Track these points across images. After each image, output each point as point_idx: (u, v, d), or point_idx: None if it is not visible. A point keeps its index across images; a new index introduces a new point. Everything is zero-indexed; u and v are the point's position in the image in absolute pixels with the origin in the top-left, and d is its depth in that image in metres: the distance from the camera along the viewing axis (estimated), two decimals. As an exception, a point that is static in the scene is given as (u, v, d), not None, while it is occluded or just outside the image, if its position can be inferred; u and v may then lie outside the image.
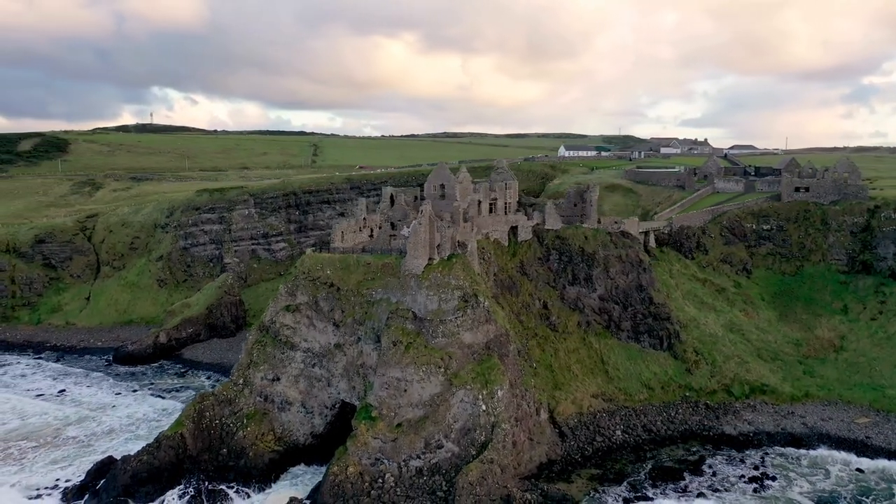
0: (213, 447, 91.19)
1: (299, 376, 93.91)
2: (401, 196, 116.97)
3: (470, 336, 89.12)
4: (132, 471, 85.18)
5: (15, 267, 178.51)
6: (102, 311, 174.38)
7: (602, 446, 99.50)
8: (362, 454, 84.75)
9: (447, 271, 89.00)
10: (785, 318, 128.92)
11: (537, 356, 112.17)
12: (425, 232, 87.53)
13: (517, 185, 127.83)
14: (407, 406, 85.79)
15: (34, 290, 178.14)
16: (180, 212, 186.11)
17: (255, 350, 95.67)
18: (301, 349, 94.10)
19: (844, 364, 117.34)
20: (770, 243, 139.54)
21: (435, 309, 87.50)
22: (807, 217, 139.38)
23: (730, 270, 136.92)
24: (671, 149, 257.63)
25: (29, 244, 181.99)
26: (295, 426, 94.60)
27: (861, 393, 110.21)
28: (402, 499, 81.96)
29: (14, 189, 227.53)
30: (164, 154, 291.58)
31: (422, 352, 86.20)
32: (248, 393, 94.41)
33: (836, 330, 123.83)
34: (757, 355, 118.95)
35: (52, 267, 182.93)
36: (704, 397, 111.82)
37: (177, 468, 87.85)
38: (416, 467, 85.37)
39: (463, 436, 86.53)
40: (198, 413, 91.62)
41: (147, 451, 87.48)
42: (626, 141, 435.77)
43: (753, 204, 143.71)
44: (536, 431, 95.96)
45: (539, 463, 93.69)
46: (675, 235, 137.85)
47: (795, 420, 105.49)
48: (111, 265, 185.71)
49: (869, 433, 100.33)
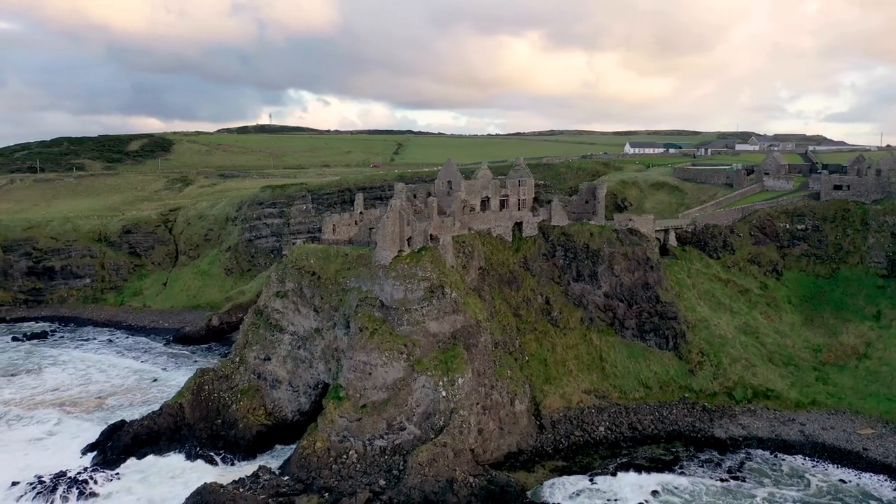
0: (209, 417, 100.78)
1: (287, 357, 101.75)
2: (421, 192, 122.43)
3: (436, 325, 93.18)
4: (134, 433, 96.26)
5: (105, 254, 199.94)
6: (175, 295, 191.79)
7: (579, 441, 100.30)
8: (330, 431, 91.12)
9: (414, 263, 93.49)
10: (810, 322, 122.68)
11: (533, 350, 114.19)
12: (393, 225, 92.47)
13: (532, 183, 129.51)
14: (372, 388, 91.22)
15: (120, 276, 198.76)
16: (247, 206, 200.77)
17: (250, 331, 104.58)
18: (288, 332, 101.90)
19: (864, 372, 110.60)
20: (805, 244, 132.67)
21: (401, 298, 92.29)
22: (845, 216, 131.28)
23: (757, 271, 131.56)
24: (748, 146, 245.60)
25: (117, 234, 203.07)
26: (284, 403, 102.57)
27: (874, 403, 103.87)
28: (361, 474, 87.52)
29: (117, 185, 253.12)
30: (255, 153, 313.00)
31: (386, 338, 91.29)
32: (243, 370, 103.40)
33: (863, 336, 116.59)
34: (768, 359, 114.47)
35: (137, 255, 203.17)
36: (704, 399, 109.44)
37: (175, 433, 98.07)
38: (380, 447, 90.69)
39: (424, 420, 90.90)
40: (198, 386, 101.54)
41: (149, 417, 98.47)
42: (743, 136, 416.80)
43: (788, 202, 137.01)
44: (508, 421, 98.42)
45: (507, 452, 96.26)
46: (699, 234, 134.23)
47: (793, 427, 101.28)
48: (187, 254, 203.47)
49: (868, 445, 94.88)
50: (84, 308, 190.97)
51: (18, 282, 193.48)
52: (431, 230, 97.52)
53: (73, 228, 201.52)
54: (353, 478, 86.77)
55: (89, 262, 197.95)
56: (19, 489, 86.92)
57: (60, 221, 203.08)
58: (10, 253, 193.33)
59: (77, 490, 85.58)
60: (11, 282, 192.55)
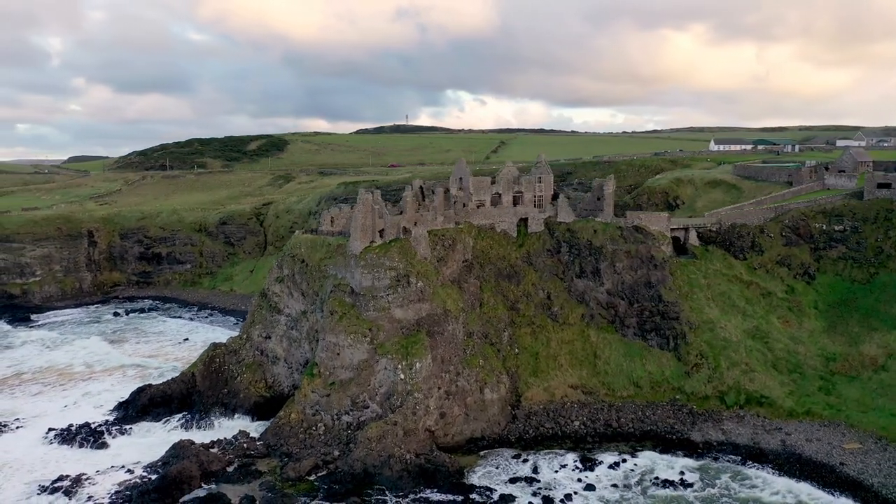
0: (216, 386, 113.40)
1: (283, 336, 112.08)
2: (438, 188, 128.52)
3: (401, 312, 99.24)
4: (150, 395, 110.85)
5: (203, 243, 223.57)
6: (258, 281, 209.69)
7: (546, 433, 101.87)
8: (305, 404, 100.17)
9: (383, 253, 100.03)
10: (832, 329, 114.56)
11: (527, 343, 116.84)
12: (363, 218, 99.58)
13: (551, 180, 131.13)
14: (340, 368, 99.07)
15: (215, 263, 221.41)
16: (324, 201, 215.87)
17: (255, 312, 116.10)
18: (284, 314, 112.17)
19: (876, 385, 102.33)
20: (842, 246, 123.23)
21: (369, 286, 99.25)
22: (888, 217, 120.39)
23: (786, 274, 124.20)
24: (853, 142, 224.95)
25: (215, 225, 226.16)
26: (282, 378, 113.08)
27: (875, 417, 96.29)
28: (322, 444, 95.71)
29: (229, 181, 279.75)
30: (359, 152, 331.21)
31: (353, 322, 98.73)
32: (248, 347, 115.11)
33: (886, 347, 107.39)
34: (772, 366, 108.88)
35: (231, 244, 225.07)
36: (694, 402, 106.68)
37: (185, 398, 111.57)
38: (346, 422, 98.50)
39: (385, 399, 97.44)
40: (209, 358, 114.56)
41: (165, 383, 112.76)
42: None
43: (826, 201, 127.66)
44: (476, 408, 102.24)
45: (470, 437, 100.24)
46: (724, 233, 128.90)
47: (776, 436, 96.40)
48: (274, 245, 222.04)
49: (848, 460, 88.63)
50: (183, 290, 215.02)
51: (132, 265, 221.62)
52: (405, 223, 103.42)
53: (179, 220, 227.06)
54: (314, 447, 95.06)
55: (190, 250, 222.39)
56: (53, 435, 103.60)
57: (168, 213, 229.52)
58: (125, 240, 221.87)
59: (92, 439, 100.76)
60: (126, 265, 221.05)
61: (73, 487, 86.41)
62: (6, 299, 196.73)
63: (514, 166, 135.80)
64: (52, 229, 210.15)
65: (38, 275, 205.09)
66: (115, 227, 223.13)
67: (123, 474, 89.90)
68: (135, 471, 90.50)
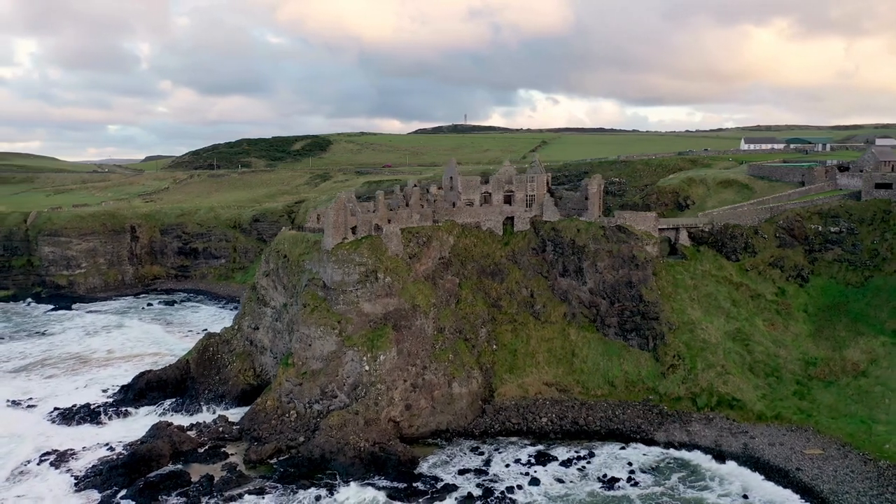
0: (209, 373, 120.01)
1: (269, 328, 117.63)
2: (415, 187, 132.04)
3: (369, 306, 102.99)
4: (147, 380, 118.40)
5: (237, 239, 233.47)
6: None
7: (510, 428, 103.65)
8: (280, 392, 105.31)
9: (353, 249, 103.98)
10: (819, 333, 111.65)
11: (506, 340, 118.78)
12: (336, 215, 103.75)
13: (544, 179, 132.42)
14: (311, 358, 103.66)
15: (248, 258, 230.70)
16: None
17: (246, 304, 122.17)
18: (270, 306, 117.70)
19: (853, 391, 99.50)
20: (838, 248, 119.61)
21: (339, 280, 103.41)
22: (886, 219, 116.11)
23: (779, 276, 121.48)
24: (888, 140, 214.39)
25: (248, 222, 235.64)
26: (268, 367, 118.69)
27: (844, 424, 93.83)
28: (290, 430, 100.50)
29: (269, 180, 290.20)
30: (398, 152, 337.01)
31: (324, 314, 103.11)
32: (239, 337, 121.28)
33: (870, 353, 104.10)
34: (748, 369, 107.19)
35: (263, 241, 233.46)
36: (666, 403, 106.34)
37: (179, 384, 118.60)
38: (317, 410, 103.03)
39: (352, 390, 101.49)
40: (203, 347, 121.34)
41: (162, 369, 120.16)
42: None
43: (822, 202, 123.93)
44: (443, 401, 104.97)
45: (436, 429, 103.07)
46: (716, 234, 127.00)
47: (740, 439, 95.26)
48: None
49: (805, 465, 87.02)
50: (217, 284, 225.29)
51: (171, 259, 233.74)
52: (377, 221, 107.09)
53: (215, 217, 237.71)
54: (283, 433, 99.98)
55: (225, 246, 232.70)
56: (56, 413, 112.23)
57: (206, 210, 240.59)
58: (165, 235, 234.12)
59: (89, 419, 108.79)
60: (165, 259, 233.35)
61: (59, 461, 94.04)
62: (53, 289, 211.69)
63: (512, 166, 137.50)
64: (97, 224, 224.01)
65: (83, 267, 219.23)
66: (157, 223, 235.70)
67: (105, 451, 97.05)
68: (116, 448, 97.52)
